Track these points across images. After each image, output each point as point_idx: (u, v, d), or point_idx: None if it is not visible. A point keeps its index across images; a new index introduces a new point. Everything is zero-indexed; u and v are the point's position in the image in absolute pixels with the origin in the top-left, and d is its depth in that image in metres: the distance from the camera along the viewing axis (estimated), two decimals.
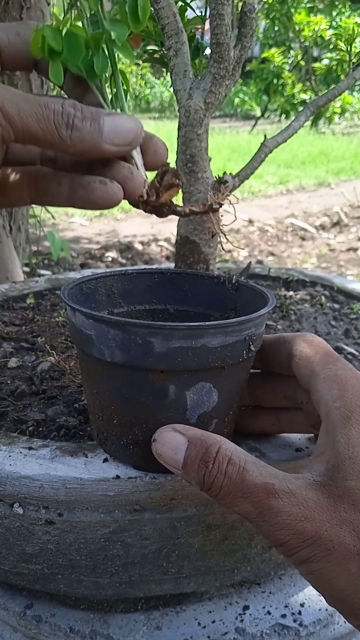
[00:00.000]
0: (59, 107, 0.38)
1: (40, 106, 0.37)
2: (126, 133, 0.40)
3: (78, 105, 0.39)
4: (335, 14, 3.60)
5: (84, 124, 0.38)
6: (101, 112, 0.39)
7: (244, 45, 0.63)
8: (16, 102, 0.37)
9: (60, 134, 0.38)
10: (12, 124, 0.37)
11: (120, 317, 0.41)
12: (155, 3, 0.61)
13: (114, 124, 0.39)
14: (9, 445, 0.48)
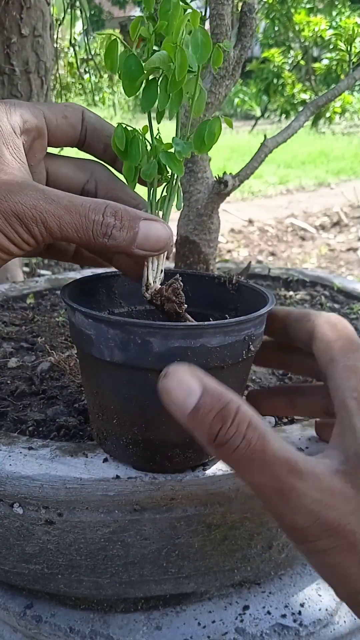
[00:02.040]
0: (100, 217, 0.39)
1: (80, 217, 0.39)
2: (157, 242, 0.42)
3: (119, 213, 0.40)
4: (335, 14, 3.60)
5: (121, 233, 0.40)
6: (138, 218, 0.41)
7: (244, 45, 0.63)
8: (58, 215, 0.38)
9: (96, 241, 0.40)
10: (52, 235, 0.39)
11: (121, 317, 0.41)
12: (155, 3, 0.61)
13: (147, 232, 0.41)
14: (9, 445, 0.48)
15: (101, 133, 0.48)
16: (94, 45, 9.08)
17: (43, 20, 1.12)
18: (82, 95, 8.15)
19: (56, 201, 0.39)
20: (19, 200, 0.38)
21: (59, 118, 0.46)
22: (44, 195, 0.38)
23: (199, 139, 0.45)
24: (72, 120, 0.47)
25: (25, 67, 1.11)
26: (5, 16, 1.07)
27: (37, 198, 0.38)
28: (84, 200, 0.40)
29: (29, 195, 0.38)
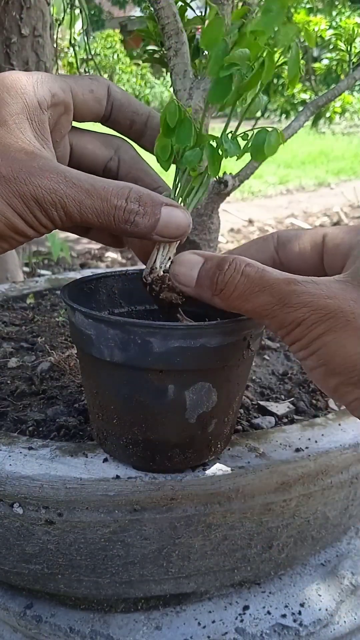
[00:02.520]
0: (123, 202, 0.38)
1: (102, 202, 0.38)
2: (177, 229, 0.41)
3: (143, 198, 0.39)
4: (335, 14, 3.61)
5: (144, 220, 0.39)
6: (161, 203, 0.40)
7: None
8: (78, 199, 0.37)
9: (117, 227, 0.39)
10: (71, 219, 0.38)
11: (121, 317, 0.41)
12: (155, 3, 0.61)
13: (168, 219, 0.40)
14: (9, 445, 0.48)
15: (127, 109, 0.47)
16: (94, 45, 9.08)
17: (43, 20, 1.12)
18: None
19: (77, 184, 0.37)
20: (39, 184, 0.37)
21: (86, 92, 0.44)
22: (65, 179, 0.37)
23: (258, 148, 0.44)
24: (98, 95, 0.45)
25: (25, 67, 1.11)
26: (5, 16, 1.07)
27: (58, 181, 0.37)
28: (107, 183, 0.39)
29: (50, 178, 0.37)
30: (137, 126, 0.47)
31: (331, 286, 0.36)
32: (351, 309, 0.34)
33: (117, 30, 10.49)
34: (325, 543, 0.58)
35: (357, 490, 0.56)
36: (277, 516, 0.50)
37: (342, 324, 0.34)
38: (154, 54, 0.75)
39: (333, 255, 0.42)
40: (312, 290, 0.35)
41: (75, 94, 0.44)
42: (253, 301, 0.36)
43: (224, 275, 0.37)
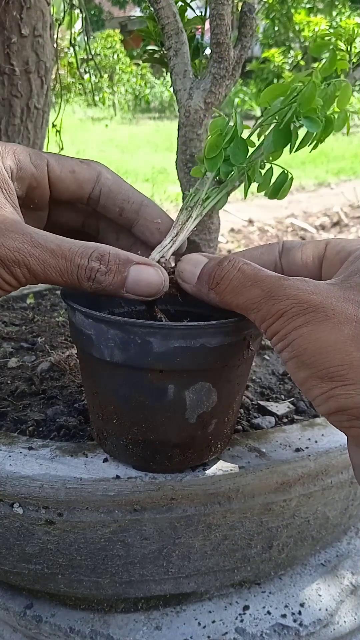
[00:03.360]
0: (85, 261, 0.39)
1: (66, 261, 0.39)
2: (148, 287, 0.41)
3: (105, 257, 0.40)
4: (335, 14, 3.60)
5: (107, 277, 0.40)
6: (130, 262, 0.40)
7: (244, 45, 0.63)
8: (42, 259, 0.38)
9: (81, 284, 0.40)
10: (36, 277, 0.39)
11: (121, 317, 0.41)
12: (155, 3, 0.61)
13: (138, 277, 0.41)
14: (9, 445, 0.48)
15: (116, 196, 0.47)
16: (94, 45, 9.08)
17: (43, 20, 1.12)
18: (82, 95, 8.15)
19: (43, 244, 0.39)
20: (3, 243, 0.38)
21: (65, 172, 0.45)
22: (31, 239, 0.38)
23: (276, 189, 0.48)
24: (79, 177, 0.46)
25: (25, 67, 1.11)
26: (5, 16, 1.06)
27: (23, 241, 0.38)
28: (73, 244, 0.40)
29: (14, 238, 0.38)
30: (128, 214, 0.47)
31: (319, 285, 0.37)
32: (332, 306, 0.35)
33: (117, 30, 10.48)
34: (325, 543, 0.58)
35: (357, 490, 0.56)
36: (277, 516, 0.50)
37: (320, 318, 0.35)
38: (154, 54, 0.75)
39: (331, 262, 0.42)
40: (299, 285, 0.36)
41: (53, 170, 0.45)
42: (244, 294, 0.38)
43: (221, 270, 0.39)
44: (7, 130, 1.13)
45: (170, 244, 0.45)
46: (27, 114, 1.15)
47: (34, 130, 1.17)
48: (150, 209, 0.48)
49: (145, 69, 10.90)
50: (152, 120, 9.58)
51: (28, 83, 1.14)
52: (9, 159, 0.42)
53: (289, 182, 0.47)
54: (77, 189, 0.46)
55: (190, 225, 0.46)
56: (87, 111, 9.73)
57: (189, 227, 0.46)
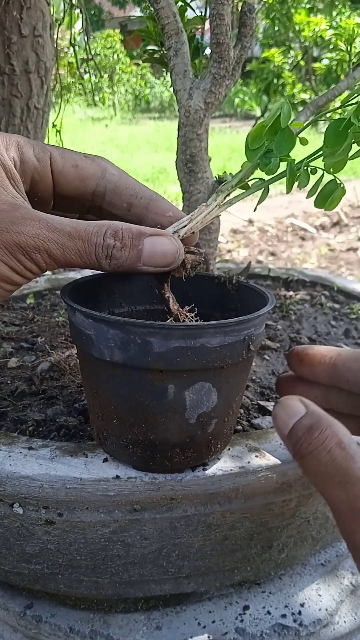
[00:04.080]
0: (101, 239, 0.39)
1: (83, 242, 0.39)
2: (164, 257, 0.41)
3: (119, 233, 0.40)
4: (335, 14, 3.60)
5: (123, 253, 0.40)
6: (142, 235, 0.40)
7: (244, 45, 0.63)
8: (61, 243, 0.39)
9: (100, 263, 0.40)
10: (56, 262, 0.39)
11: (121, 317, 0.41)
12: (155, 3, 0.61)
13: (153, 249, 0.40)
14: (9, 445, 0.48)
15: (123, 192, 0.46)
16: (94, 45, 9.08)
17: (43, 20, 1.12)
18: (82, 95, 8.15)
19: (60, 228, 0.39)
20: (22, 230, 0.38)
21: (68, 166, 0.45)
22: (47, 224, 0.39)
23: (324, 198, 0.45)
24: (83, 172, 0.45)
25: (25, 67, 1.11)
26: (6, 16, 1.07)
27: (40, 227, 0.38)
28: (87, 224, 0.40)
29: (32, 225, 0.38)
30: (137, 210, 0.47)
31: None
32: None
33: (117, 30, 10.49)
34: (325, 543, 0.58)
35: None
36: (277, 516, 0.50)
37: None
38: (154, 54, 0.75)
39: None
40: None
41: (55, 164, 0.44)
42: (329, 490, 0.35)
43: (309, 444, 0.36)
44: (7, 130, 1.13)
45: (187, 221, 0.44)
46: (27, 114, 1.15)
47: (34, 130, 1.17)
48: (160, 203, 0.47)
49: (145, 69, 10.90)
50: (152, 120, 9.57)
51: (28, 83, 1.14)
52: (13, 151, 0.42)
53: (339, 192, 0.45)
54: (80, 184, 0.45)
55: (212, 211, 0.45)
56: (87, 111, 9.73)
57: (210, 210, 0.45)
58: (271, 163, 0.43)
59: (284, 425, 0.38)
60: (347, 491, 0.34)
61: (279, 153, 0.42)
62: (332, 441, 0.35)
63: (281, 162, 0.43)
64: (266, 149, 0.43)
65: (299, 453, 0.36)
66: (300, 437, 0.36)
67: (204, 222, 0.45)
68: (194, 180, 0.69)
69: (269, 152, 0.43)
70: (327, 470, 0.35)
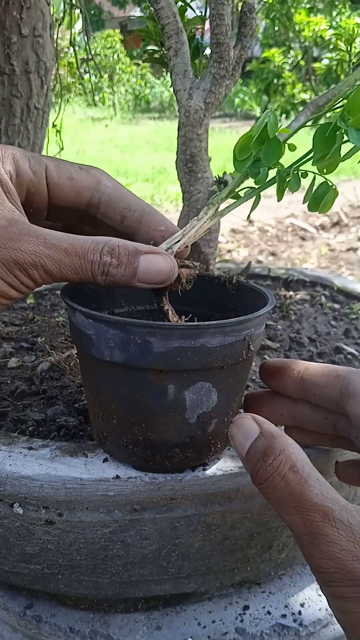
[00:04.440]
0: (97, 257, 0.40)
1: (80, 259, 0.39)
2: (158, 275, 0.42)
3: (116, 250, 0.40)
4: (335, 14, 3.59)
5: (118, 270, 0.40)
6: (139, 253, 0.41)
7: (244, 45, 0.63)
8: (57, 259, 0.39)
9: (95, 279, 0.40)
10: (52, 277, 0.40)
11: (121, 317, 0.41)
12: (155, 3, 0.61)
13: (148, 267, 0.41)
14: (9, 445, 0.48)
15: (117, 204, 0.47)
16: (94, 45, 9.08)
17: (43, 20, 1.12)
18: (82, 95, 8.15)
19: (56, 245, 0.39)
20: (19, 247, 0.38)
21: (63, 178, 0.45)
22: (44, 240, 0.39)
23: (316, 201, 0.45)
24: (77, 185, 0.45)
25: (25, 67, 1.11)
26: (6, 16, 1.06)
27: (37, 243, 0.39)
28: (84, 240, 0.40)
29: (29, 241, 0.38)
30: (130, 222, 0.47)
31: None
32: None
33: (117, 30, 10.49)
34: None
35: (357, 490, 0.56)
36: (277, 516, 0.50)
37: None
38: (154, 54, 0.75)
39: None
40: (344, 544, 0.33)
41: (51, 176, 0.45)
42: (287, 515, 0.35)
43: (264, 470, 0.36)
44: (7, 130, 1.13)
45: (180, 236, 0.45)
46: (27, 114, 1.15)
47: (34, 130, 1.17)
48: (153, 217, 0.47)
49: (145, 69, 10.90)
50: (152, 120, 9.57)
51: (28, 83, 1.14)
52: (9, 164, 0.42)
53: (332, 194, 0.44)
54: (75, 196, 0.46)
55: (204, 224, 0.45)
56: (87, 111, 9.73)
57: (201, 224, 0.45)
58: (260, 173, 0.43)
59: (241, 447, 0.38)
60: (303, 516, 0.34)
61: (267, 162, 0.43)
62: (286, 466, 0.35)
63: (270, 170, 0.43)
64: (254, 158, 0.43)
65: (257, 480, 0.36)
66: (256, 464, 0.36)
67: (197, 236, 0.45)
68: (194, 180, 0.69)
69: (257, 162, 0.43)
70: (284, 496, 0.35)
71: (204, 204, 0.70)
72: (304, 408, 0.47)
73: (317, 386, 0.45)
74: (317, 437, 0.48)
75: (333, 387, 0.44)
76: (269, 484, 0.35)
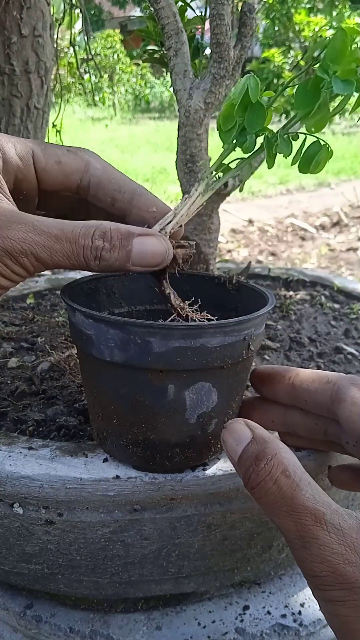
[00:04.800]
0: (89, 241, 0.39)
1: (71, 244, 0.39)
2: (153, 257, 0.41)
3: (108, 234, 0.39)
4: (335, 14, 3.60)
5: (112, 254, 0.39)
6: (131, 235, 0.40)
7: (244, 45, 0.63)
8: (48, 246, 0.38)
9: (88, 265, 0.39)
10: (44, 264, 0.39)
11: (121, 317, 0.41)
12: (155, 3, 0.61)
13: (142, 249, 0.40)
14: (9, 445, 0.48)
15: (107, 186, 0.46)
16: (94, 45, 9.07)
17: (43, 20, 1.12)
18: (82, 95, 8.15)
19: (46, 231, 0.38)
20: (7, 235, 0.38)
21: (51, 162, 0.44)
22: (34, 227, 0.38)
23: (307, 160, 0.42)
24: (66, 168, 0.45)
25: (25, 67, 1.11)
26: (6, 16, 1.06)
27: (27, 230, 0.38)
28: (75, 225, 0.39)
29: (18, 228, 0.38)
30: (120, 204, 0.46)
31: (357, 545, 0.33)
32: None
33: (117, 30, 10.49)
34: None
35: None
36: None
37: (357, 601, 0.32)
38: (154, 54, 0.75)
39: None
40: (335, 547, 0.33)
41: (38, 161, 0.44)
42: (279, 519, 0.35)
43: (257, 475, 0.36)
44: (7, 130, 1.13)
45: (172, 216, 0.44)
46: (27, 114, 1.15)
47: (34, 130, 1.17)
48: (144, 197, 0.46)
49: (145, 69, 10.90)
50: (152, 120, 9.57)
51: (28, 83, 1.14)
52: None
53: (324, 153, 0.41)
54: (64, 179, 0.45)
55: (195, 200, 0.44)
56: (87, 111, 9.73)
57: (193, 201, 0.44)
58: (247, 141, 0.41)
59: (233, 452, 0.38)
60: (295, 520, 0.34)
61: (252, 129, 0.41)
62: (278, 470, 0.35)
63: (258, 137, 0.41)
64: (240, 127, 0.41)
65: (249, 485, 0.36)
66: (248, 468, 0.36)
67: (189, 214, 0.44)
68: (194, 180, 0.69)
69: (243, 131, 0.41)
70: (275, 500, 0.35)
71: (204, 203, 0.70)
72: (294, 414, 0.47)
73: (307, 392, 0.45)
74: (310, 442, 0.48)
75: (323, 393, 0.44)
76: (261, 488, 0.36)
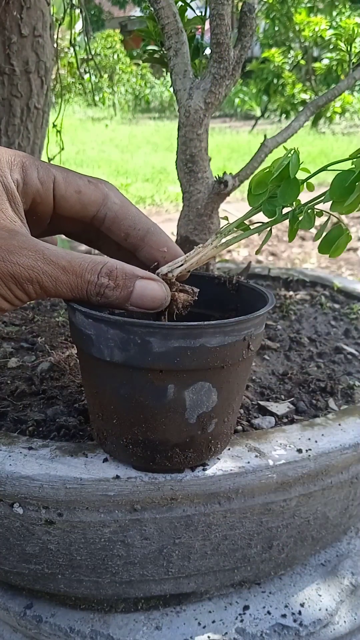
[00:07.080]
0: (95, 277, 0.40)
1: (77, 278, 0.40)
2: (151, 302, 0.42)
3: (114, 273, 0.40)
4: (335, 14, 3.60)
5: (114, 292, 0.41)
6: (135, 277, 0.41)
7: (244, 45, 0.63)
8: (54, 276, 0.39)
9: (89, 299, 0.41)
10: (47, 293, 0.40)
11: (121, 317, 0.41)
12: (155, 3, 0.61)
13: (142, 292, 0.41)
14: (9, 445, 0.48)
15: (122, 222, 0.46)
16: (94, 45, 9.07)
17: (43, 20, 1.12)
18: (82, 95, 8.15)
19: (55, 262, 0.39)
20: (17, 261, 0.38)
21: (71, 190, 0.45)
22: (43, 256, 0.39)
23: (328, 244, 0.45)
24: (85, 199, 0.45)
25: (25, 67, 1.11)
26: (6, 16, 1.06)
27: (36, 259, 0.39)
28: (83, 259, 0.40)
29: (28, 255, 0.38)
30: (133, 240, 0.47)
31: None
32: None
33: (117, 30, 10.49)
34: (325, 543, 0.58)
35: (357, 490, 0.56)
36: (277, 516, 0.50)
37: None
38: (154, 54, 0.75)
39: None
40: None
41: (58, 187, 0.44)
42: None
43: None
44: (7, 130, 1.13)
45: (182, 261, 0.45)
46: (27, 114, 1.15)
47: (34, 130, 1.17)
48: (157, 237, 0.47)
49: (145, 69, 10.90)
50: (152, 120, 9.57)
51: (28, 83, 1.14)
52: (17, 172, 0.42)
53: (344, 238, 0.44)
54: (81, 209, 0.45)
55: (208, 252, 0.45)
56: (87, 111, 9.72)
57: (205, 252, 0.45)
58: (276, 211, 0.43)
59: None
60: None
61: (284, 201, 0.42)
62: None
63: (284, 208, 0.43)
64: (270, 194, 0.43)
65: None
66: None
67: (199, 263, 0.45)
68: (194, 180, 0.69)
69: (272, 198, 0.43)
70: None
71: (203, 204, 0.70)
72: None
73: None
74: None
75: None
76: None
